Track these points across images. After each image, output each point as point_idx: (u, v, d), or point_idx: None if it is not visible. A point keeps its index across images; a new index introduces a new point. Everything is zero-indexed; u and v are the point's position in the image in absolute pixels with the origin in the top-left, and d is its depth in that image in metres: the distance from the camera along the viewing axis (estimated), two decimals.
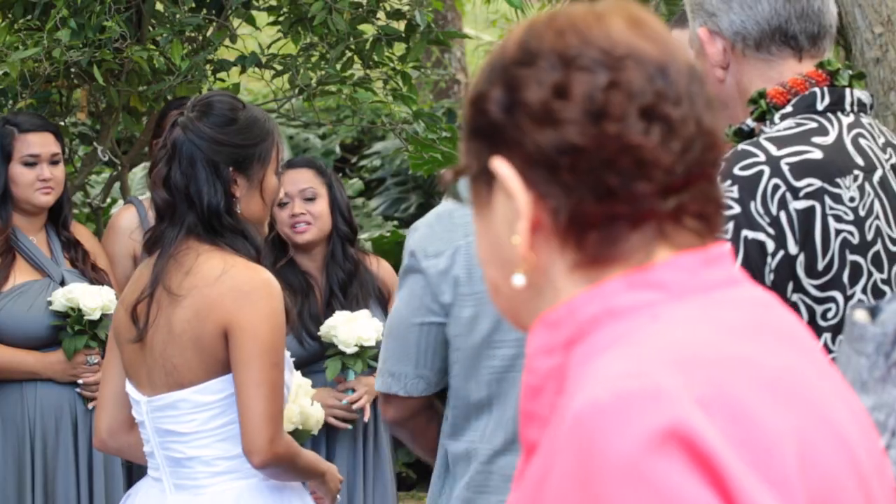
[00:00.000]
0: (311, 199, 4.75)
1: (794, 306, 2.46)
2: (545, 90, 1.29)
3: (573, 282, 1.30)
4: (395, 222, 8.80)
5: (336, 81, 5.33)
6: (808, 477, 1.21)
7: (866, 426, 1.34)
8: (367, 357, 4.63)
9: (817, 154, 2.53)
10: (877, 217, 2.58)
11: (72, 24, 4.79)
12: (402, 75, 5.40)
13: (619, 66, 1.28)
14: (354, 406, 4.70)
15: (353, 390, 4.70)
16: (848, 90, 2.67)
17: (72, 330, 4.46)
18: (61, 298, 4.44)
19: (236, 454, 3.22)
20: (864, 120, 2.67)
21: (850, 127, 2.64)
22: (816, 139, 2.56)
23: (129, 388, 3.29)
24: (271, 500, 3.29)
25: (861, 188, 2.56)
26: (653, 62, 1.29)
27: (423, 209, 8.86)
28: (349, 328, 4.59)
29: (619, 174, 1.27)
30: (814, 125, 2.61)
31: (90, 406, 4.53)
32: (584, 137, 1.27)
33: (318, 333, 4.65)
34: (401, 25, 5.37)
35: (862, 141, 2.63)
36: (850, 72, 2.68)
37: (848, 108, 2.66)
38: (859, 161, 2.60)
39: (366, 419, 4.72)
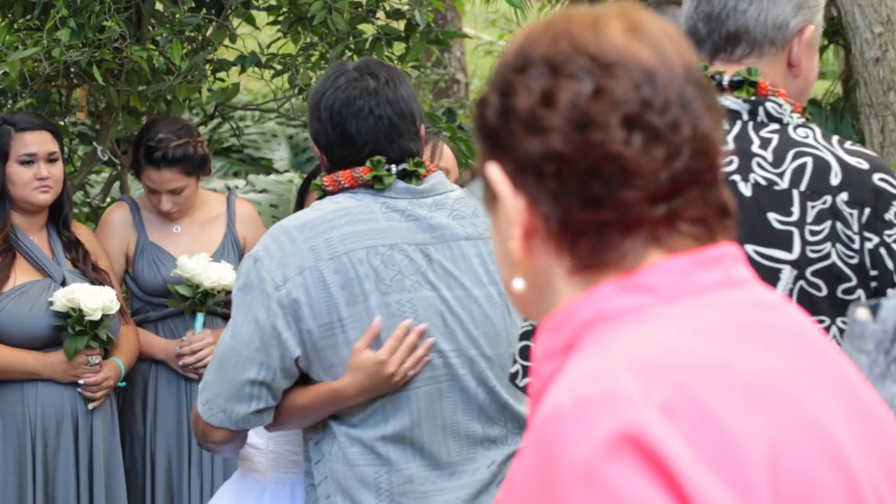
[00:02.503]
0: None
1: None
2: (533, 97, 1.29)
3: (571, 286, 1.31)
4: None
5: None
6: (780, 481, 1.20)
7: (882, 429, 1.33)
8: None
9: None
10: None
11: (71, 24, 4.79)
12: None
13: (605, 73, 1.28)
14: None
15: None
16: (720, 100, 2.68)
17: (73, 330, 4.46)
18: (62, 299, 4.44)
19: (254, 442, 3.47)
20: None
21: None
22: None
23: None
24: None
25: None
26: (641, 69, 1.28)
27: None
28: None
29: (603, 182, 1.27)
30: None
31: (90, 406, 4.53)
32: (568, 145, 1.27)
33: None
34: (400, 25, 5.37)
35: None
36: (737, 78, 2.66)
37: None
38: None
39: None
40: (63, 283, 4.54)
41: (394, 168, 2.98)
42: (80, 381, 4.51)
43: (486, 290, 2.98)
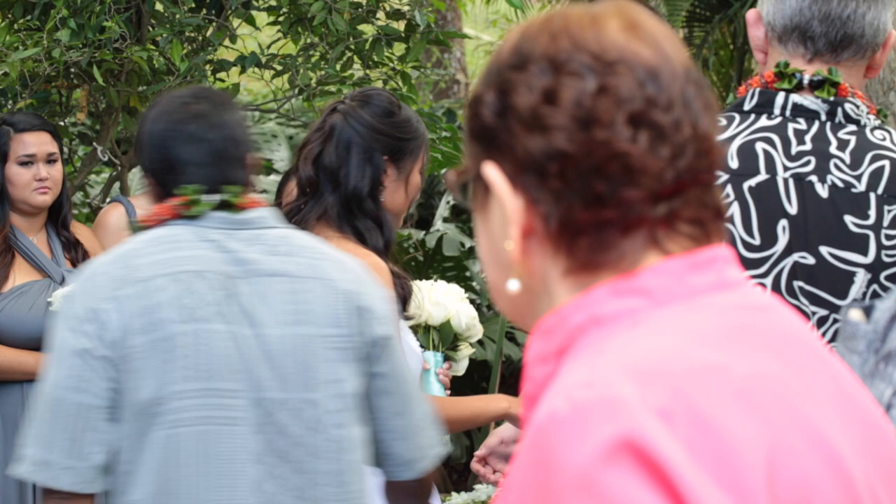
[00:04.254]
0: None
1: None
2: (535, 95, 1.28)
3: (566, 288, 1.30)
4: None
5: (336, 81, 5.33)
6: (777, 485, 1.19)
7: (876, 430, 1.33)
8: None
9: None
10: (729, 220, 2.55)
11: (71, 25, 4.79)
12: (401, 75, 5.40)
13: (608, 71, 1.27)
14: None
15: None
16: (781, 94, 2.63)
17: None
18: (61, 299, 4.43)
19: None
20: (795, 125, 2.63)
21: (758, 130, 2.62)
22: None
23: None
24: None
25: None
26: (644, 67, 1.28)
27: (423, 209, 8.87)
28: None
29: (607, 181, 1.26)
30: (721, 123, 2.61)
31: None
32: (572, 144, 1.26)
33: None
34: (401, 25, 5.37)
35: (759, 145, 2.60)
36: (817, 78, 2.63)
37: (777, 111, 2.63)
38: (733, 164, 2.58)
39: None
40: (62, 284, 4.54)
41: (207, 198, 2.83)
42: None
43: (286, 329, 2.80)
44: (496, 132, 1.31)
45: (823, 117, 2.62)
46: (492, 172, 1.31)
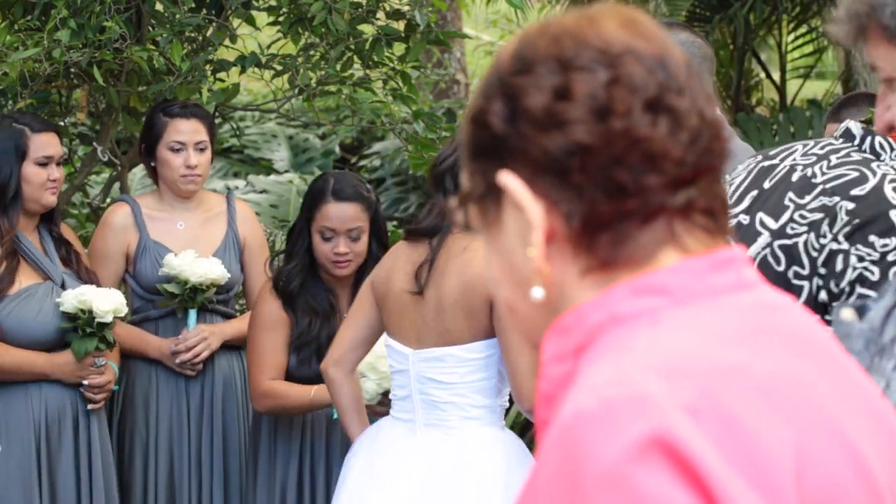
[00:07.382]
0: (356, 239, 4.60)
1: None
2: (546, 94, 1.28)
3: (584, 288, 1.29)
4: (395, 222, 8.82)
5: (336, 81, 5.33)
6: (804, 485, 1.20)
7: (890, 428, 1.32)
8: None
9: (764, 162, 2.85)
10: (738, 202, 2.81)
11: (72, 25, 4.79)
12: (401, 75, 5.39)
13: (617, 62, 1.27)
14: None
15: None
16: (850, 124, 2.81)
17: (82, 332, 4.46)
18: (73, 301, 4.43)
19: (485, 404, 3.89)
20: (833, 143, 2.79)
21: (807, 147, 2.81)
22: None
23: (392, 342, 3.97)
24: (514, 448, 3.89)
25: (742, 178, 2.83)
26: (651, 56, 1.28)
27: (423, 209, 8.87)
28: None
29: (629, 169, 1.26)
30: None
31: (90, 407, 4.54)
32: (591, 136, 1.26)
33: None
34: (401, 25, 5.37)
35: (795, 146, 2.81)
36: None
37: (839, 138, 2.82)
38: (773, 162, 2.81)
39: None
40: (63, 286, 4.54)
41: None
42: (85, 382, 4.51)
43: None
44: (507, 139, 1.30)
45: (857, 141, 2.77)
46: (509, 180, 1.29)
